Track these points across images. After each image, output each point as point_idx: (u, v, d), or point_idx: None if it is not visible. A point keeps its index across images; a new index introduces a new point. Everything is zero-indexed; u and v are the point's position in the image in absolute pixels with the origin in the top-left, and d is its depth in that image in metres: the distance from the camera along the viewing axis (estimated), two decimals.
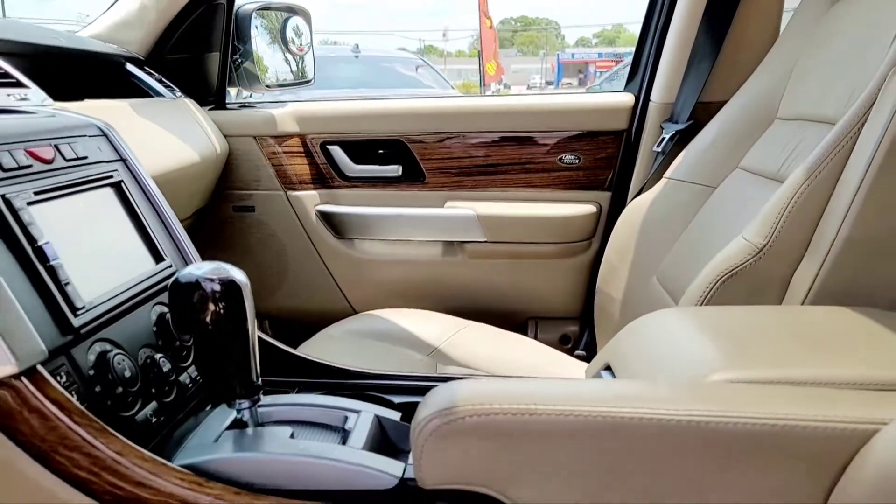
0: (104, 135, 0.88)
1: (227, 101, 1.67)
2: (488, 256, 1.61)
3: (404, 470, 0.64)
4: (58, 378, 0.63)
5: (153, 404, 0.74)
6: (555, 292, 1.64)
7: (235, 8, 1.62)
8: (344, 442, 0.69)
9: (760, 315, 0.83)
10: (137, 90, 1.42)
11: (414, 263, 1.64)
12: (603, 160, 1.58)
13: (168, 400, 0.76)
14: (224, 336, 0.67)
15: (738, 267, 0.93)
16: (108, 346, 0.71)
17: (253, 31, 1.71)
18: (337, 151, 1.63)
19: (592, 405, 0.55)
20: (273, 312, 1.70)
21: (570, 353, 1.58)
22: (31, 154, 0.73)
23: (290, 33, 1.91)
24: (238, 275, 0.68)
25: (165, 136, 1.27)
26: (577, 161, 1.59)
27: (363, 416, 0.74)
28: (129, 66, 1.44)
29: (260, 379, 0.70)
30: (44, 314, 0.65)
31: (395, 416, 0.76)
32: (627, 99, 1.58)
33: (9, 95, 0.89)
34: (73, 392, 0.64)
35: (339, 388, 0.89)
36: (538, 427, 0.55)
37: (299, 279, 1.66)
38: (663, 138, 1.48)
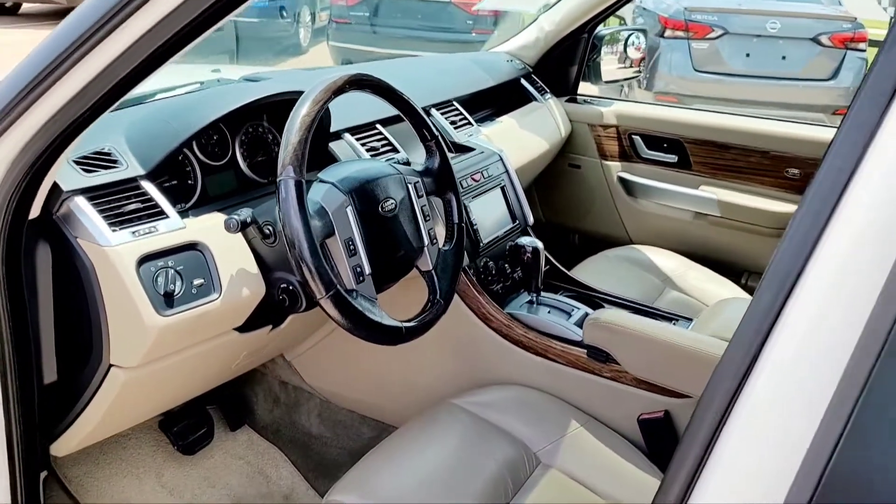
0: (500, 159, 1.94)
1: (577, 95, 2.66)
2: (722, 226, 2.43)
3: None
4: (471, 271, 1.73)
5: (500, 285, 1.82)
6: (767, 258, 2.40)
7: (594, 34, 2.56)
8: (567, 319, 1.71)
9: None
10: (523, 97, 2.46)
11: (673, 220, 2.52)
12: None
13: (507, 284, 1.84)
14: (529, 266, 1.71)
15: None
16: (487, 259, 1.80)
17: (604, 48, 2.63)
18: (637, 140, 2.54)
19: (640, 330, 1.49)
20: (579, 229, 2.74)
21: None
22: (472, 178, 1.81)
23: (632, 40, 2.78)
24: (538, 244, 1.71)
25: (531, 136, 2.32)
26: (798, 174, 2.29)
27: (580, 311, 1.75)
28: (522, 81, 2.48)
29: (542, 284, 1.74)
30: (470, 243, 1.75)
31: None
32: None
33: (467, 134, 2.00)
34: (474, 276, 1.75)
35: (582, 295, 1.89)
36: (619, 332, 1.51)
37: (600, 216, 2.66)
38: None
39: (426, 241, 1.44)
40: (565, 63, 2.60)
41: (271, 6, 7.89)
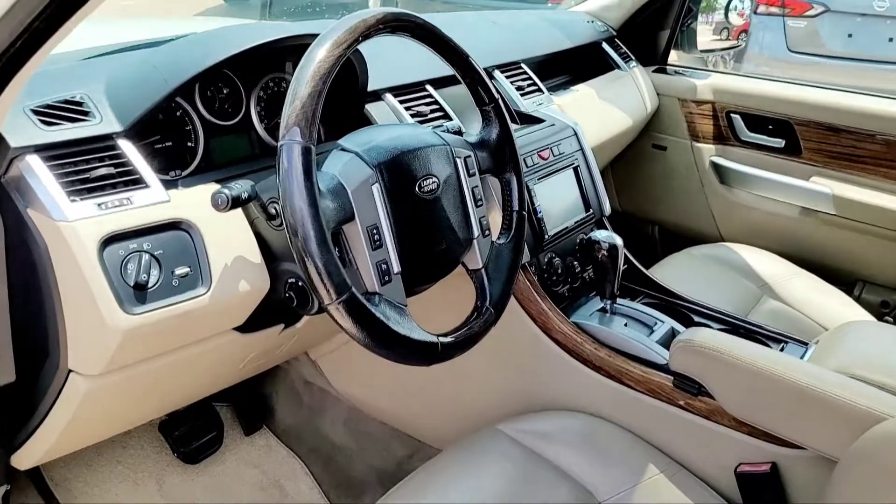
0: (575, 134, 1.61)
1: (667, 64, 2.29)
2: (835, 226, 2.04)
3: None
4: (532, 269, 1.42)
5: (567, 286, 1.50)
6: (887, 266, 2.01)
7: None
8: (649, 335, 1.38)
9: None
10: (605, 63, 2.11)
11: (775, 216, 2.14)
12: None
13: (575, 285, 1.52)
14: (604, 266, 1.39)
15: None
16: (552, 255, 1.48)
17: (703, 10, 2.26)
18: (737, 119, 2.16)
19: (745, 358, 1.15)
20: (661, 221, 2.38)
21: (881, 317, 1.98)
22: (540, 156, 1.49)
23: (735, 3, 2.39)
24: (618, 240, 1.38)
25: (611, 109, 1.97)
26: None
27: (665, 325, 1.41)
28: (604, 45, 2.13)
29: (618, 291, 1.42)
30: (532, 235, 1.43)
31: (683, 329, 1.42)
32: None
33: (536, 103, 1.67)
34: (536, 275, 1.43)
35: (665, 303, 1.55)
36: (717, 360, 1.17)
37: (686, 206, 2.29)
38: None
39: (476, 231, 1.13)
40: (654, 27, 2.23)
41: None
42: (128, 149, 1.03)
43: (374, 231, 0.97)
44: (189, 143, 1.19)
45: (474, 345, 1.08)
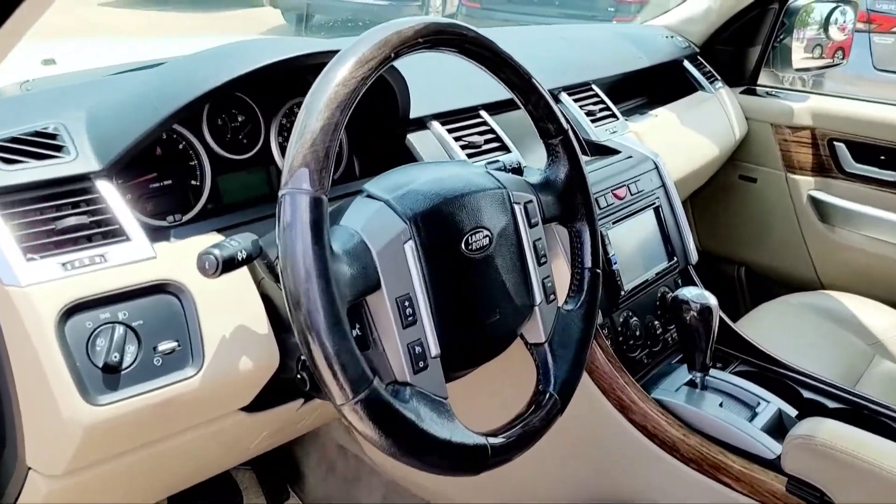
0: (656, 167, 1.36)
1: (756, 84, 2.02)
2: None
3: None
4: (605, 331, 1.18)
5: (645, 351, 1.25)
6: None
7: (786, 6, 1.92)
8: (751, 419, 1.12)
9: None
10: (687, 84, 1.86)
11: (885, 259, 1.84)
12: None
13: (655, 349, 1.27)
14: (696, 332, 1.13)
15: None
16: (629, 313, 1.24)
17: (797, 24, 1.98)
18: (841, 148, 1.88)
19: (886, 465, 0.89)
20: (748, 263, 2.09)
21: None
22: (615, 195, 1.25)
23: (836, 16, 2.10)
24: (711, 300, 1.13)
25: (695, 137, 1.71)
26: None
27: (770, 406, 1.15)
28: (685, 63, 1.87)
29: (710, 361, 1.16)
30: (604, 291, 1.19)
31: (793, 412, 1.15)
32: None
33: (609, 131, 1.44)
34: (609, 339, 1.19)
35: (764, 371, 1.29)
36: (847, 465, 0.91)
37: (779, 247, 2.01)
38: None
39: (538, 297, 0.90)
40: (742, 43, 1.97)
41: None
42: (107, 192, 0.84)
43: (407, 303, 0.75)
44: (193, 182, 0.99)
45: (534, 443, 0.84)
